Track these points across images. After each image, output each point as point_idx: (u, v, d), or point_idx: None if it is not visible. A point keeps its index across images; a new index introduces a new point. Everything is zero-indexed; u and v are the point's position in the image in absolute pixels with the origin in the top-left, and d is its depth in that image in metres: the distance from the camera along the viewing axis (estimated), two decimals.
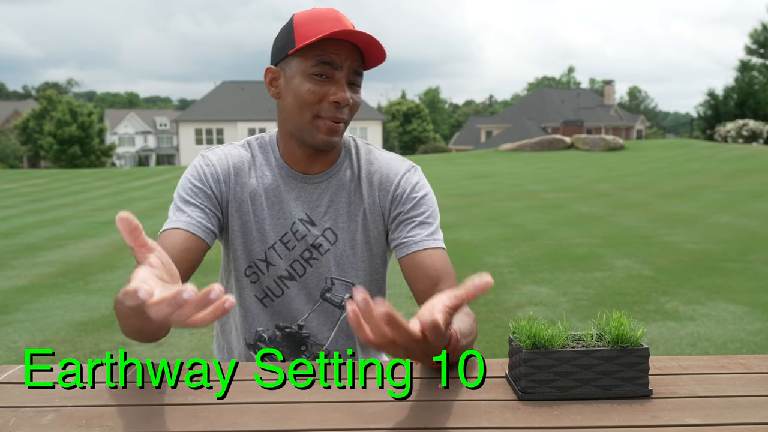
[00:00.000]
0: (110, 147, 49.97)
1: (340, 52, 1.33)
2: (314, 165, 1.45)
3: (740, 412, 1.00)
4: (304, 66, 1.35)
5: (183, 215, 1.37)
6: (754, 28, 52.28)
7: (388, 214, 1.46)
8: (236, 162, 1.46)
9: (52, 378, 1.16)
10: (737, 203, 11.87)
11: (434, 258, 1.38)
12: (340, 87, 1.34)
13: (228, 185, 1.44)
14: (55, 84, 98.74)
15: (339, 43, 1.34)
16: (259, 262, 1.46)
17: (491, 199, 13.81)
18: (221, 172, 1.44)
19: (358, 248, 1.47)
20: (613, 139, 30.42)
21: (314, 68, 1.34)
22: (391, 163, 1.49)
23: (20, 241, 9.24)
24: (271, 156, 1.48)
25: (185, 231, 1.35)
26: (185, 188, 1.42)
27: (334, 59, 1.33)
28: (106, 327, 4.92)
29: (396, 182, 1.46)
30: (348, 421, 0.98)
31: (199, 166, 1.45)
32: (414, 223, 1.42)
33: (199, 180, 1.42)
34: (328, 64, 1.33)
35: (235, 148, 1.49)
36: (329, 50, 1.33)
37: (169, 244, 1.32)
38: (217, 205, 1.43)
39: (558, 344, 1.06)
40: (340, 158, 1.48)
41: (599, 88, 79.13)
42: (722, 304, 5.33)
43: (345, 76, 1.35)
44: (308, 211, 1.46)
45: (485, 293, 0.91)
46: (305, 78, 1.35)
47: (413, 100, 73.83)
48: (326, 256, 1.46)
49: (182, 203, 1.39)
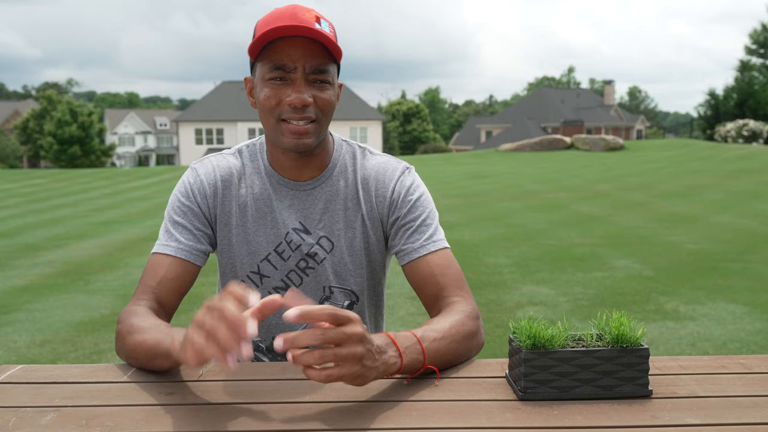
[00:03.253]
0: (110, 147, 49.95)
1: (293, 52, 1.28)
2: (303, 171, 1.43)
3: (740, 412, 1.00)
4: (262, 71, 1.32)
5: (172, 239, 1.38)
6: (754, 28, 52.29)
7: (387, 220, 1.44)
8: (224, 174, 1.44)
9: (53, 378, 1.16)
10: (737, 203, 11.87)
11: (435, 262, 1.37)
12: (295, 88, 1.30)
13: (215, 199, 1.43)
14: (55, 84, 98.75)
15: (292, 42, 1.28)
16: (252, 275, 1.44)
17: (491, 199, 13.81)
18: (208, 187, 1.43)
19: (356, 255, 1.45)
20: (613, 139, 30.41)
21: (270, 73, 1.31)
22: (386, 166, 1.46)
23: (20, 241, 9.24)
24: (261, 164, 1.45)
25: (175, 258, 1.36)
26: (174, 207, 1.42)
27: (286, 61, 1.29)
28: (106, 327, 4.92)
29: (392, 187, 1.44)
30: (348, 421, 0.98)
31: (187, 181, 1.44)
32: (412, 228, 1.40)
33: (186, 197, 1.42)
34: (280, 67, 1.29)
35: (225, 158, 1.47)
36: (281, 52, 1.29)
37: (160, 271, 1.35)
38: (206, 222, 1.42)
39: (558, 344, 1.06)
40: (330, 163, 1.45)
41: (599, 88, 79.16)
42: (722, 304, 5.33)
43: (302, 75, 1.30)
44: (302, 219, 1.43)
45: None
46: (264, 84, 1.32)
47: (413, 100, 73.82)
48: (323, 265, 1.43)
49: (171, 224, 1.40)
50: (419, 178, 1.48)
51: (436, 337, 1.17)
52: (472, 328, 1.26)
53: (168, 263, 1.36)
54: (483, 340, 1.30)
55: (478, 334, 1.28)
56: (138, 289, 1.35)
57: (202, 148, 48.89)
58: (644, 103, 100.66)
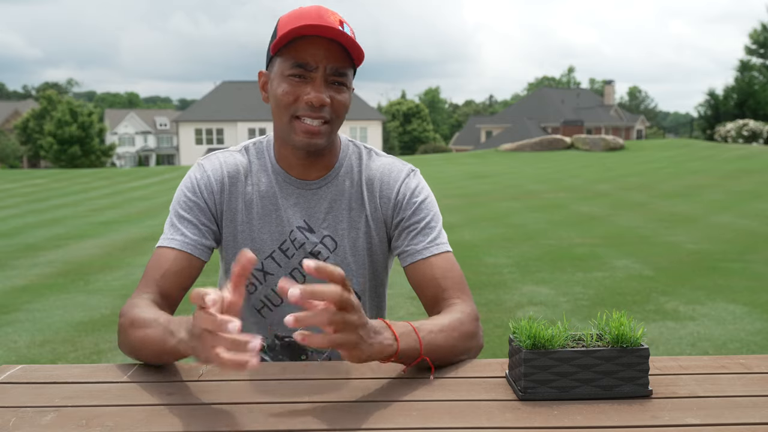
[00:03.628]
0: (110, 147, 49.96)
1: (316, 52, 1.30)
2: (311, 170, 1.43)
3: (740, 412, 1.00)
4: (282, 67, 1.33)
5: (177, 233, 1.38)
6: (754, 28, 52.29)
7: (391, 221, 1.45)
8: (231, 170, 1.45)
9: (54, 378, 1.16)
10: (737, 203, 11.87)
11: (437, 265, 1.38)
12: (315, 87, 1.31)
13: (222, 195, 1.43)
14: (55, 84, 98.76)
15: (315, 42, 1.30)
16: (256, 272, 1.44)
17: (491, 199, 13.81)
18: (215, 183, 1.43)
19: (359, 255, 1.45)
20: (613, 139, 30.41)
21: (290, 70, 1.32)
22: (391, 168, 1.47)
23: (20, 241, 9.24)
24: (267, 162, 1.46)
25: (180, 251, 1.36)
26: (180, 202, 1.42)
27: (308, 60, 1.30)
28: (106, 327, 4.92)
29: (397, 188, 1.44)
30: (348, 421, 0.98)
31: (194, 176, 1.44)
32: (416, 230, 1.41)
33: (193, 192, 1.42)
34: (302, 65, 1.31)
35: (232, 155, 1.47)
36: (304, 50, 1.30)
37: (165, 264, 1.35)
38: (211, 218, 1.43)
39: (558, 344, 1.06)
40: (337, 163, 1.46)
41: (599, 88, 79.11)
42: (722, 304, 5.33)
43: (322, 75, 1.31)
44: (306, 218, 1.44)
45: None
46: (282, 79, 1.33)
47: (413, 100, 73.82)
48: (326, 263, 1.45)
49: (177, 219, 1.40)
50: (424, 181, 1.49)
51: (433, 329, 1.18)
52: (471, 328, 1.27)
53: (173, 256, 1.35)
54: (482, 342, 1.30)
55: (477, 335, 1.29)
56: (141, 282, 1.35)
57: (202, 148, 48.89)
58: (644, 103, 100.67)
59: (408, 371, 1.17)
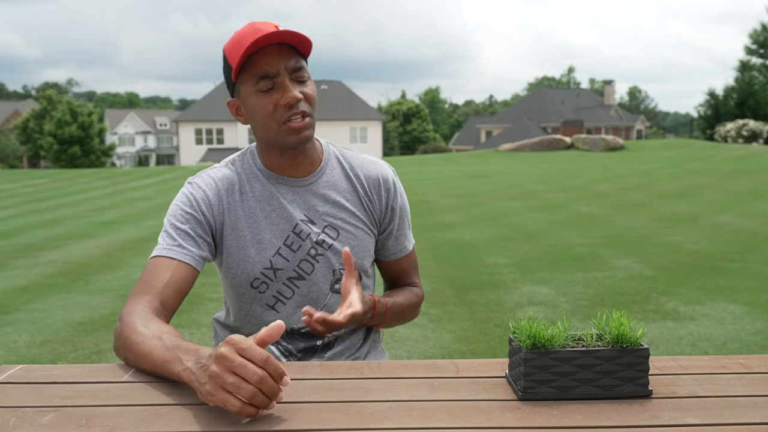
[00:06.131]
0: (110, 147, 49.93)
1: (270, 60, 1.39)
2: (299, 168, 1.52)
3: (740, 412, 1.00)
4: (249, 87, 1.42)
5: (174, 243, 1.41)
6: (754, 28, 52.27)
7: (381, 217, 1.59)
8: (224, 183, 1.51)
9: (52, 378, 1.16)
10: (737, 203, 11.87)
11: (408, 258, 1.67)
12: (284, 89, 1.40)
13: (221, 206, 1.49)
14: (55, 84, 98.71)
15: (267, 51, 1.39)
16: (266, 270, 1.49)
17: (491, 199, 13.81)
18: (212, 196, 1.48)
19: (359, 239, 1.55)
20: (613, 139, 30.42)
21: (257, 85, 1.41)
22: (376, 166, 1.60)
23: (20, 241, 9.24)
24: (256, 169, 1.53)
25: (180, 261, 1.39)
26: (175, 215, 1.45)
27: (268, 70, 1.39)
28: (106, 327, 4.92)
29: (387, 187, 1.59)
30: (348, 421, 0.98)
31: (188, 192, 1.48)
32: (401, 230, 1.62)
33: (189, 206, 1.46)
34: (265, 76, 1.40)
35: (220, 170, 1.54)
36: (261, 63, 1.39)
37: (165, 273, 1.36)
38: (208, 231, 1.47)
39: (558, 344, 1.06)
40: (323, 160, 1.56)
41: (599, 88, 79.14)
42: (722, 304, 5.33)
43: (286, 77, 1.40)
44: (306, 212, 1.51)
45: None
46: (255, 96, 1.42)
47: (413, 100, 73.77)
48: (332, 249, 1.52)
49: (172, 230, 1.43)
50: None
51: (397, 300, 1.58)
52: (419, 303, 1.67)
53: (174, 266, 1.38)
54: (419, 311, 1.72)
55: (419, 308, 1.70)
56: (140, 289, 1.35)
57: (202, 148, 48.92)
58: (644, 103, 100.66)
59: (408, 371, 1.17)
